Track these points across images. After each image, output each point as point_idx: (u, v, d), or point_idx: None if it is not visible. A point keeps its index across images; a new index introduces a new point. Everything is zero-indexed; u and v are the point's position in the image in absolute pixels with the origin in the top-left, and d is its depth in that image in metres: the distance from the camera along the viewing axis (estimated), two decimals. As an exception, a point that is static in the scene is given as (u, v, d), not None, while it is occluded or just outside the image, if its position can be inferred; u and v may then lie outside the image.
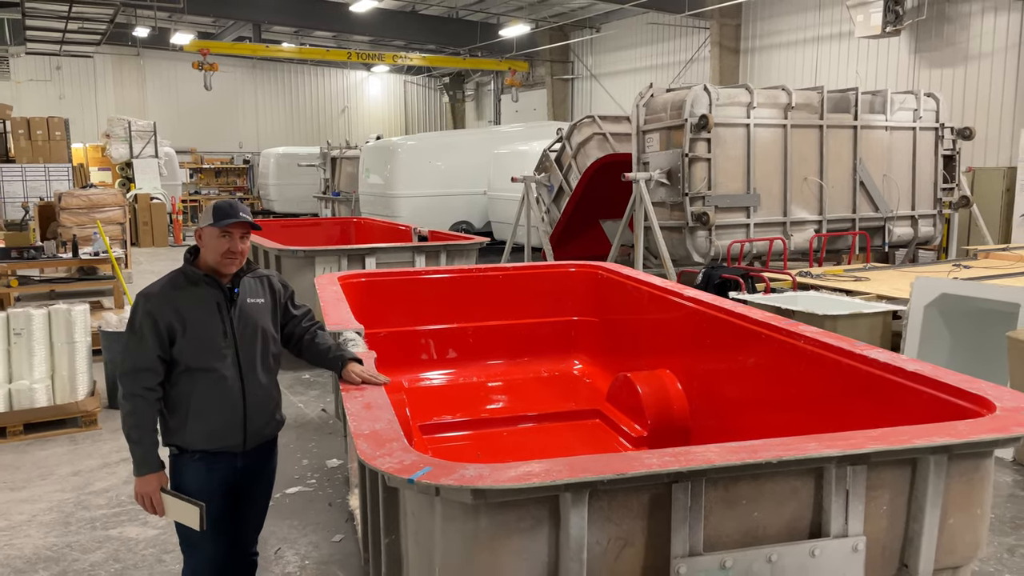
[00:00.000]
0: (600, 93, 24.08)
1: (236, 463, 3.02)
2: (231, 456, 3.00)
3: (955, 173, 11.09)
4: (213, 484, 2.96)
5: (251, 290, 3.04)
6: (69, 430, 6.16)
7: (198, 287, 2.93)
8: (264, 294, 3.09)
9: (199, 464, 2.96)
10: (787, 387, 3.77)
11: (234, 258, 2.93)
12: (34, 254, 8.80)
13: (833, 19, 16.75)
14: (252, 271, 3.08)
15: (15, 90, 24.96)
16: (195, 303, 2.91)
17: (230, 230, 2.90)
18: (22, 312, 6.20)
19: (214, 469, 2.97)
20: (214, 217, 2.90)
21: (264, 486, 3.23)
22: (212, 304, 2.93)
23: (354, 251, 7.81)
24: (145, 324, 2.85)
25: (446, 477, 2.07)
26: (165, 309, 2.86)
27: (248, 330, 2.98)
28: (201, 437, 2.93)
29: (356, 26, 23.43)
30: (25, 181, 17.60)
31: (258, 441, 3.07)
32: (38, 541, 4.38)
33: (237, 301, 2.97)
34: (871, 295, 6.90)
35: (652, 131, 9.68)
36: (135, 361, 2.86)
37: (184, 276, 2.96)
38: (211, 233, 2.90)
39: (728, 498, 2.27)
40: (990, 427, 2.39)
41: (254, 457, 3.09)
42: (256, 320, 3.01)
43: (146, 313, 2.86)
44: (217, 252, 2.90)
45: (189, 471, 2.96)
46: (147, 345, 2.84)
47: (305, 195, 22.71)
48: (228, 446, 2.97)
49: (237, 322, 2.96)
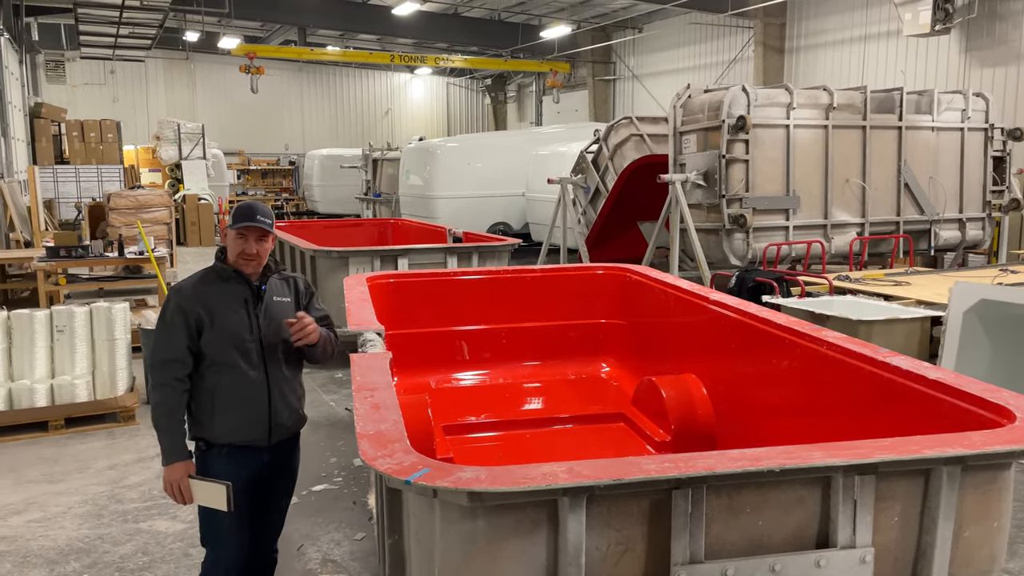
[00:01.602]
0: (642, 94, 23.92)
1: (263, 457, 3.10)
2: (256, 450, 3.08)
3: (1005, 175, 10.76)
4: (240, 477, 3.01)
5: (278, 289, 3.15)
6: (108, 425, 6.33)
7: (228, 283, 3.06)
8: (290, 294, 3.20)
9: (226, 459, 3.04)
10: (810, 393, 3.71)
11: (249, 259, 3.04)
12: (81, 253, 9.04)
13: (880, 18, 16.39)
14: (279, 271, 3.20)
15: (71, 94, 25.72)
16: (223, 298, 3.03)
17: (245, 232, 3.01)
18: (65, 310, 6.39)
19: (241, 463, 3.04)
20: (232, 219, 3.04)
21: (287, 481, 3.30)
22: (240, 300, 3.05)
23: (387, 252, 7.88)
24: (176, 317, 2.98)
25: (443, 479, 2.08)
26: (195, 303, 2.99)
27: (273, 327, 3.07)
28: (227, 431, 3.02)
29: (399, 29, 23.65)
30: (79, 182, 18.13)
31: (282, 435, 3.15)
32: (71, 533, 4.51)
33: (264, 299, 3.09)
34: (910, 300, 6.72)
35: (689, 132, 9.59)
36: (165, 352, 2.98)
37: (215, 273, 3.09)
38: (231, 234, 3.04)
39: (731, 506, 2.24)
40: (1007, 439, 2.32)
41: (278, 452, 3.16)
42: (282, 318, 3.08)
43: (176, 307, 3.00)
44: (234, 252, 3.04)
45: (216, 465, 3.03)
46: (177, 337, 2.96)
47: (348, 196, 22.98)
48: (253, 440, 3.06)
49: (263, 318, 3.06)
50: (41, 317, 6.32)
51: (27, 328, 6.25)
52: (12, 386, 6.12)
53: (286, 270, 3.26)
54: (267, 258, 3.12)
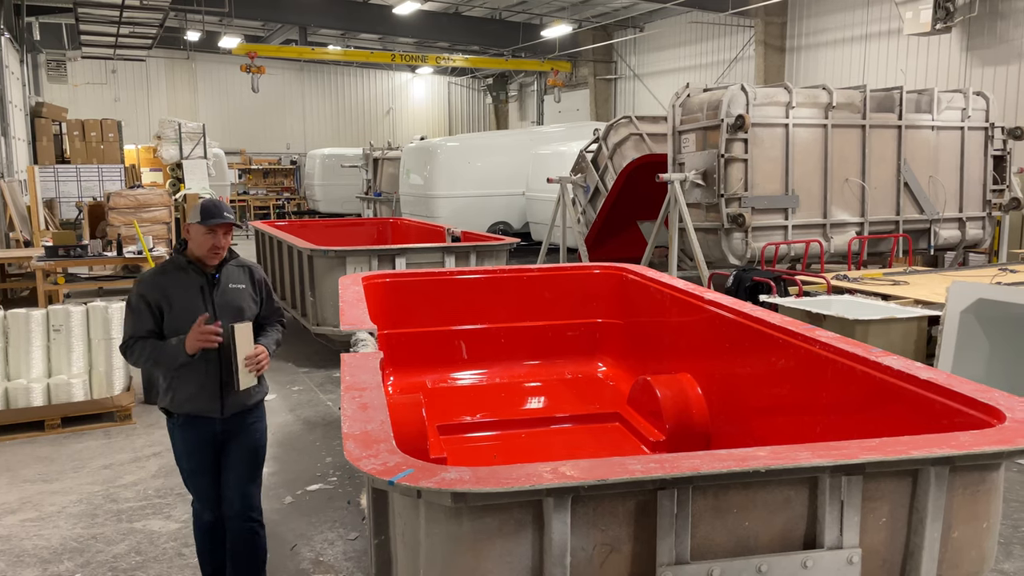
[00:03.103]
0: (643, 93, 23.90)
1: (215, 427, 3.42)
2: (210, 420, 3.41)
3: (1006, 174, 10.73)
4: (196, 443, 3.41)
5: (233, 276, 3.48)
6: (104, 424, 6.33)
7: (185, 273, 3.38)
8: (245, 281, 3.52)
9: (183, 427, 3.41)
10: (804, 393, 3.69)
11: (218, 252, 3.37)
12: (79, 252, 9.05)
13: (881, 16, 16.36)
14: (235, 259, 3.51)
15: (72, 93, 25.73)
16: (180, 286, 3.36)
17: (215, 228, 3.31)
18: (61, 309, 6.39)
19: (197, 430, 3.40)
20: (201, 216, 3.29)
21: (243, 451, 3.51)
22: (196, 288, 3.37)
23: (384, 251, 7.86)
24: (140, 303, 3.32)
25: (426, 480, 2.07)
26: (154, 291, 3.33)
27: (228, 311, 3.39)
28: (183, 402, 3.37)
29: (400, 28, 23.64)
30: (80, 181, 18.12)
31: (236, 409, 3.44)
32: (65, 532, 4.51)
33: (219, 286, 3.41)
34: (908, 300, 6.70)
35: (688, 131, 9.57)
36: (133, 331, 3.33)
37: (172, 263, 3.42)
38: (198, 230, 3.31)
39: (718, 506, 2.23)
40: (995, 439, 2.30)
41: (233, 423, 3.46)
42: (236, 303, 3.43)
43: (139, 294, 3.34)
44: (203, 247, 3.33)
45: (177, 431, 3.44)
46: (143, 319, 3.31)
47: (349, 195, 22.98)
48: (206, 411, 3.38)
49: (218, 303, 3.38)
50: (38, 316, 6.32)
51: (23, 327, 6.25)
52: (8, 385, 6.12)
53: (240, 257, 3.57)
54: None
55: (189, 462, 3.44)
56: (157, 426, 6.35)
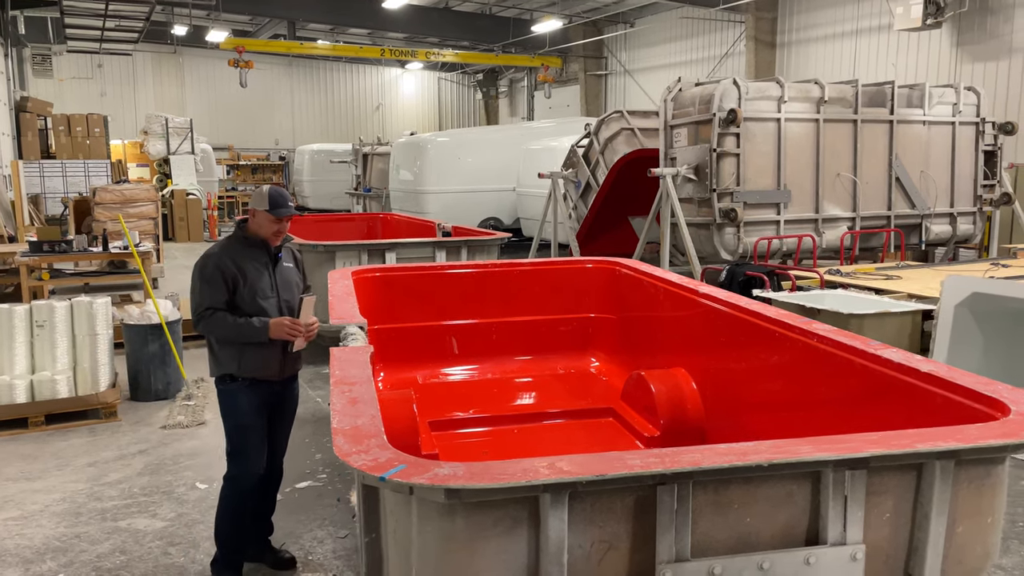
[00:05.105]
0: (634, 89, 23.85)
1: (274, 388, 3.83)
2: (270, 383, 3.79)
3: (996, 169, 10.73)
4: (259, 404, 3.77)
5: (286, 256, 3.92)
6: (90, 421, 6.23)
7: (253, 249, 3.76)
8: (292, 260, 3.97)
9: (248, 390, 3.73)
10: (801, 387, 3.65)
11: (281, 235, 3.81)
12: (64, 248, 8.93)
13: (872, 11, 16.36)
14: (287, 242, 3.95)
15: (58, 88, 25.45)
16: (250, 261, 3.73)
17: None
18: (44, 304, 6.28)
19: (259, 393, 3.76)
20: (270, 205, 3.68)
21: (292, 407, 4.06)
22: (262, 263, 3.77)
23: (374, 246, 7.78)
24: (215, 275, 3.65)
25: (419, 476, 2.00)
26: (228, 264, 3.68)
27: (285, 285, 3.83)
28: (251, 368, 3.71)
29: (390, 23, 23.51)
30: (65, 177, 17.92)
31: (289, 373, 3.90)
32: (48, 531, 4.42)
33: (279, 264, 3.83)
34: (901, 294, 6.68)
35: (680, 126, 9.52)
36: (209, 301, 3.64)
37: (240, 240, 3.78)
38: (267, 217, 3.70)
39: (718, 502, 2.17)
40: (1001, 432, 2.26)
41: (285, 385, 3.92)
42: (289, 278, 3.87)
43: (215, 266, 3.67)
44: (268, 231, 3.74)
45: (241, 394, 3.73)
46: (217, 289, 3.64)
47: (339, 191, 22.84)
48: (269, 376, 3.77)
49: (278, 278, 3.80)
50: (20, 312, 6.21)
51: (6, 323, 6.13)
52: (-9, 382, 6.01)
53: (289, 241, 3.97)
54: None
55: (253, 419, 3.76)
56: (143, 423, 6.26)
